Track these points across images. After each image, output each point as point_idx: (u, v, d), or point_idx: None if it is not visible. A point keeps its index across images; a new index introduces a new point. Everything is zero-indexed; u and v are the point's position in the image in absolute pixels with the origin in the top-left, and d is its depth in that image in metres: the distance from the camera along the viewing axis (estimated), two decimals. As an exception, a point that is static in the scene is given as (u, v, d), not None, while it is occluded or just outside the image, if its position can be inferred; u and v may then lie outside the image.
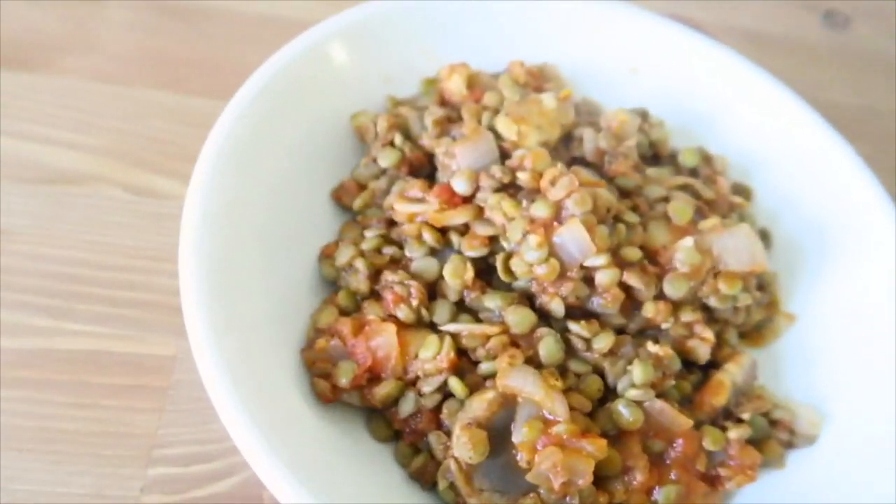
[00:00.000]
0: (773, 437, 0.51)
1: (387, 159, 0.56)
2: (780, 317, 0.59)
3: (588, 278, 0.49)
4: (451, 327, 0.48)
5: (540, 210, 0.49)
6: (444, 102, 0.62)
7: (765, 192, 0.66)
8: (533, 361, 0.47)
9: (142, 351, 0.53)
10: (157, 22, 0.72)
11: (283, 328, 0.50)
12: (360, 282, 0.50)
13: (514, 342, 0.48)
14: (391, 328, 0.47)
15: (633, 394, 0.47)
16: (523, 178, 0.52)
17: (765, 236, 0.63)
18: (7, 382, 0.50)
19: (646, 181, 0.57)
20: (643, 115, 0.63)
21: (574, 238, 0.48)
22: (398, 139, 0.57)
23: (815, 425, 0.52)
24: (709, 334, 0.51)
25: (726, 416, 0.51)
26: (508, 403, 0.45)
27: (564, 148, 0.59)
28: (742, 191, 0.65)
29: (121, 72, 0.67)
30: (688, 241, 0.51)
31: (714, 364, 0.53)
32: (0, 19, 0.68)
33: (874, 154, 0.80)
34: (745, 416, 0.50)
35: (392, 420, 0.48)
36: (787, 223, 0.64)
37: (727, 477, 0.48)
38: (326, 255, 0.54)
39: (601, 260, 0.48)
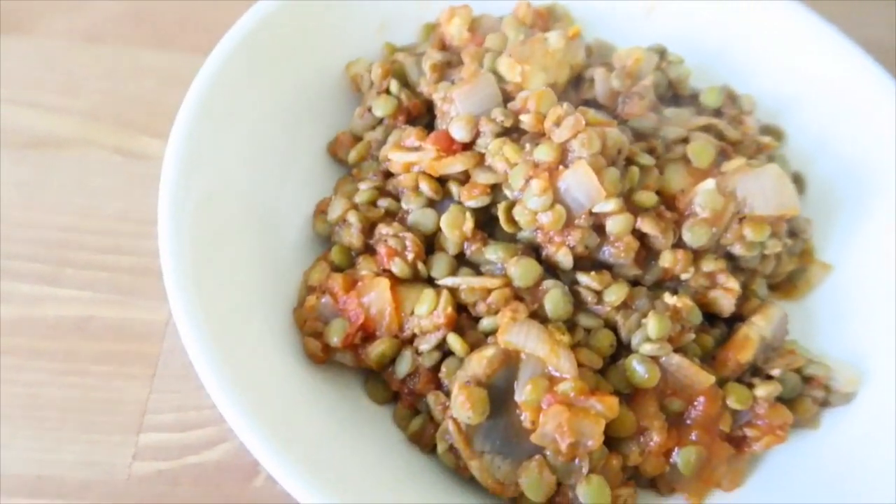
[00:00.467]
0: (806, 395, 0.47)
1: (382, 108, 0.53)
2: (814, 267, 0.54)
3: (598, 226, 0.45)
4: (449, 281, 0.44)
5: (544, 153, 0.45)
6: (444, 48, 0.57)
7: (798, 135, 0.61)
8: (538, 316, 0.44)
9: (132, 316, 0.51)
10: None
11: (275, 289, 0.48)
12: (352, 236, 0.47)
13: (517, 296, 0.44)
14: (384, 283, 0.44)
15: (647, 349, 0.43)
16: (526, 120, 0.47)
17: (798, 180, 0.57)
18: (-7, 350, 0.49)
19: (663, 122, 0.52)
20: (661, 52, 0.58)
21: (580, 182, 0.44)
22: (394, 86, 0.54)
23: (852, 382, 0.47)
24: (733, 284, 0.47)
25: (754, 373, 0.47)
26: (511, 361, 0.41)
27: (574, 91, 0.55)
28: (773, 133, 0.60)
29: (106, 32, 0.65)
30: (709, 184, 0.47)
31: (740, 318, 0.48)
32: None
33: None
34: (775, 372, 0.46)
35: (389, 382, 0.45)
36: (823, 167, 0.59)
37: (754, 438, 0.44)
38: (320, 211, 0.51)
39: (611, 205, 0.44)
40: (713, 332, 0.48)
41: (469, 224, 0.46)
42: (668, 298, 0.45)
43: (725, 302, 0.47)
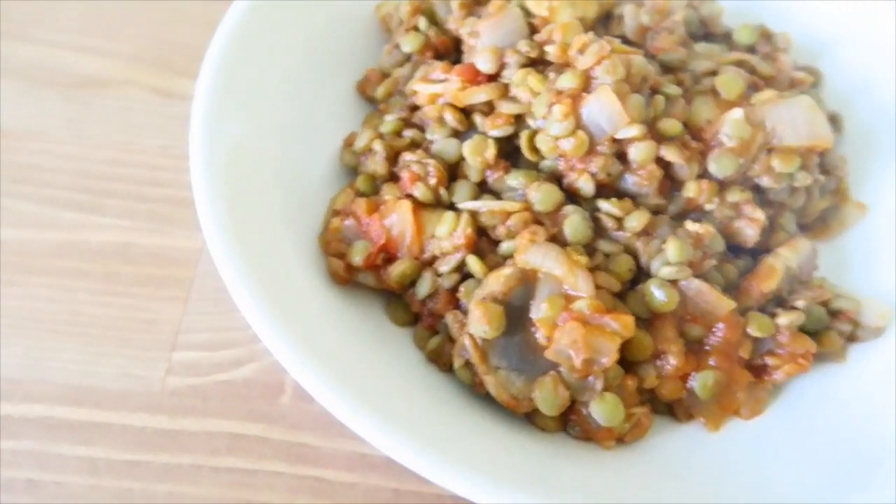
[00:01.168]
0: (832, 328, 0.46)
1: (410, 44, 0.53)
2: (848, 206, 0.53)
3: (621, 154, 0.45)
4: (470, 205, 0.45)
5: (567, 81, 0.45)
6: (474, -12, 0.58)
7: (837, 76, 0.59)
8: (557, 240, 0.44)
9: (168, 243, 0.53)
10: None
11: (304, 218, 0.49)
12: (377, 164, 0.48)
13: (537, 220, 0.45)
14: (406, 204, 0.45)
15: (666, 272, 0.43)
16: (552, 51, 0.47)
17: (835, 120, 0.56)
18: (40, 270, 0.52)
19: (692, 57, 0.52)
20: (693, -10, 0.57)
21: (603, 107, 0.44)
22: (422, 23, 0.54)
23: (882, 317, 0.46)
24: (759, 214, 0.46)
25: (779, 304, 0.46)
26: (528, 280, 0.42)
27: (604, 27, 0.55)
28: (810, 72, 0.58)
29: (152, -19, 0.67)
30: (736, 113, 0.46)
31: (767, 251, 0.48)
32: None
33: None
34: (800, 304, 0.45)
35: (410, 303, 0.46)
36: (862, 109, 0.57)
37: (775, 366, 0.43)
38: (348, 143, 0.52)
39: (634, 131, 0.44)
40: (738, 263, 0.47)
41: (491, 151, 0.46)
42: (691, 226, 0.45)
43: (750, 231, 0.46)
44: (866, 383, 0.45)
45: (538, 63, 0.49)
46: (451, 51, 0.55)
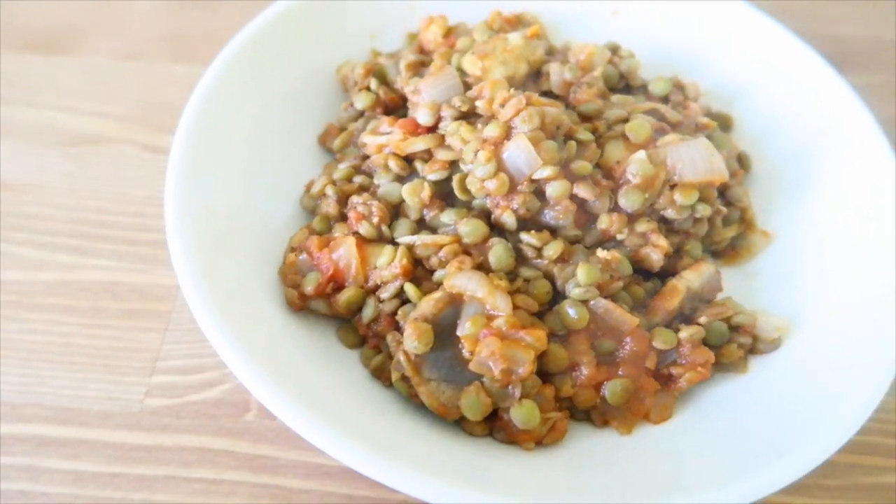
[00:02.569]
0: (733, 341, 0.52)
1: (362, 101, 0.61)
2: (755, 234, 0.59)
3: (540, 192, 0.52)
4: (407, 239, 0.52)
5: (491, 130, 0.52)
6: (422, 51, 0.66)
7: (749, 120, 0.66)
8: (483, 268, 0.50)
9: (151, 281, 0.60)
10: (178, 6, 0.80)
11: (270, 256, 0.55)
12: (330, 206, 0.55)
13: (465, 251, 0.51)
14: (351, 240, 0.51)
15: (577, 293, 0.49)
16: (481, 105, 0.55)
17: (743, 160, 0.63)
18: (36, 307, 0.58)
19: (609, 106, 0.59)
20: (613, 48, 0.65)
21: (520, 151, 0.51)
22: (373, 83, 0.62)
23: (778, 329, 0.52)
24: (663, 242, 0.52)
25: (684, 321, 0.52)
26: (456, 302, 0.48)
27: (533, 83, 0.62)
28: (723, 119, 0.66)
29: (144, 51, 0.76)
30: (640, 154, 0.53)
31: (675, 275, 0.54)
32: (38, 10, 0.78)
33: (886, 82, 0.79)
34: (702, 320, 0.51)
35: (358, 327, 0.52)
36: (770, 148, 0.65)
37: (678, 374, 0.49)
38: (307, 189, 0.59)
39: (548, 171, 0.50)
40: (646, 285, 0.53)
41: (427, 192, 0.53)
42: (601, 253, 0.51)
43: (655, 257, 0.52)
44: (765, 391, 0.50)
45: (471, 115, 0.56)
46: (399, 106, 0.62)
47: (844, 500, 0.52)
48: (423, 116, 0.56)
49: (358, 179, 0.56)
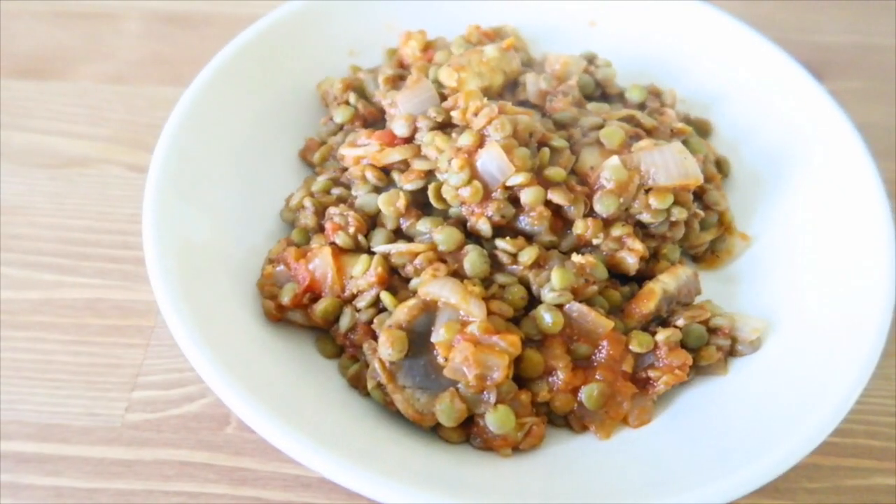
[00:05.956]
0: (712, 343, 0.51)
1: (340, 115, 0.62)
2: (734, 238, 0.59)
3: (514, 199, 0.52)
4: (382, 247, 0.52)
5: (464, 139, 0.53)
6: (402, 66, 0.67)
7: (727, 126, 0.67)
8: (458, 275, 0.50)
9: (133, 297, 0.60)
10: (164, 30, 0.82)
11: (250, 269, 0.56)
12: (308, 217, 0.55)
13: (441, 259, 0.51)
14: (327, 250, 0.52)
15: (551, 297, 0.49)
16: (456, 116, 0.55)
17: (721, 164, 0.63)
18: (18, 325, 0.59)
19: (584, 114, 0.59)
20: (590, 58, 0.66)
21: (493, 159, 0.51)
22: (352, 97, 0.63)
23: (756, 330, 0.52)
24: (638, 245, 0.52)
25: (662, 324, 0.52)
26: (430, 309, 0.48)
27: (510, 94, 0.63)
28: (701, 125, 0.66)
29: (131, 74, 0.77)
30: (613, 160, 0.53)
31: (652, 278, 0.54)
32: (27, 37, 0.79)
33: (872, 87, 0.79)
34: (679, 322, 0.51)
35: (335, 337, 0.52)
36: (748, 153, 0.65)
37: (656, 377, 0.49)
38: (287, 202, 0.59)
39: (521, 178, 0.51)
40: (623, 289, 0.53)
41: (402, 202, 0.53)
42: (576, 257, 0.51)
43: (631, 260, 0.52)
44: (745, 392, 0.50)
45: (446, 126, 0.57)
46: (378, 120, 0.63)
47: (828, 502, 0.51)
48: (399, 128, 0.56)
49: (336, 191, 0.57)
